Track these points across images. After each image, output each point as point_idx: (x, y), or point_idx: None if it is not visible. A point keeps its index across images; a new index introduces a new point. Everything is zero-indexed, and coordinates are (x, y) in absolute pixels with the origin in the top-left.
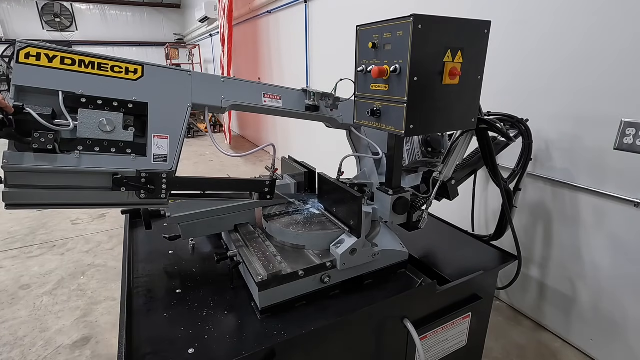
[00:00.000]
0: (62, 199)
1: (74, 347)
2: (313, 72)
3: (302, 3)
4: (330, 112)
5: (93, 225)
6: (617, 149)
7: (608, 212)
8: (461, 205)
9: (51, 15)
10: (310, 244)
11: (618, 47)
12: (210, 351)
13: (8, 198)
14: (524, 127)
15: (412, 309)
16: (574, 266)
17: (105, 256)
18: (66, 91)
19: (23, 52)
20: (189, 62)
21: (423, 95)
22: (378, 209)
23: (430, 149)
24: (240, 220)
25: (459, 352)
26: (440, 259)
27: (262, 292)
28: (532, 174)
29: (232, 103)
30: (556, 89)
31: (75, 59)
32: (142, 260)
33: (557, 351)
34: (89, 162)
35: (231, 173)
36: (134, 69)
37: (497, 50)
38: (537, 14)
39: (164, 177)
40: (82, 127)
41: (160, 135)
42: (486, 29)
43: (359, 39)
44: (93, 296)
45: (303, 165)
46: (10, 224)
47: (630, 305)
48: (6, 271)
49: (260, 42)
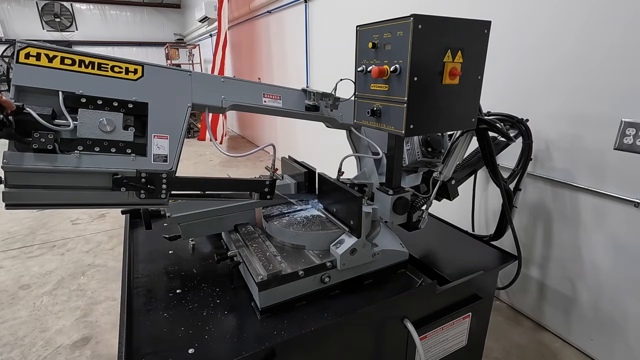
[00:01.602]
0: (62, 199)
1: (74, 347)
2: (313, 72)
3: (302, 3)
4: (330, 112)
5: (93, 225)
6: (617, 149)
7: (608, 212)
8: (461, 205)
9: (51, 15)
10: (310, 244)
11: (619, 47)
12: (210, 351)
13: (8, 198)
14: (524, 127)
15: (412, 309)
16: (574, 266)
17: (105, 256)
18: (66, 91)
19: (23, 52)
20: (189, 62)
21: (423, 95)
22: (378, 209)
23: (430, 149)
24: (240, 220)
25: (459, 352)
26: (440, 259)
27: (262, 292)
28: (532, 174)
29: (232, 103)
30: (556, 89)
31: (75, 59)
32: (142, 260)
33: (557, 351)
34: (89, 162)
35: (231, 173)
36: (134, 69)
37: (497, 50)
38: (535, 13)
39: (164, 177)
40: (82, 127)
41: (160, 135)
42: (486, 29)
43: (359, 38)
44: (93, 296)
45: (303, 165)
46: (10, 224)
47: (630, 305)
48: (6, 271)
49: (260, 42)
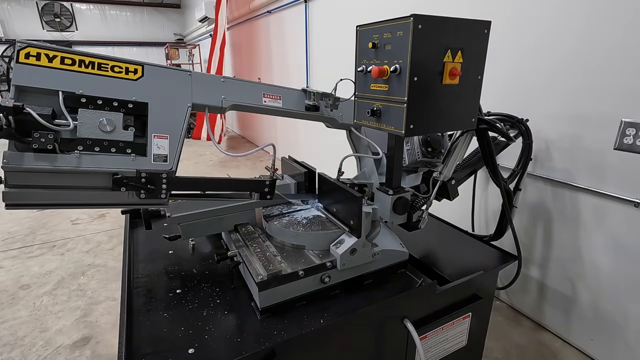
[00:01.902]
0: (62, 199)
1: (74, 347)
2: (313, 72)
3: (302, 3)
4: (330, 112)
5: (93, 225)
6: (617, 149)
7: (608, 212)
8: (461, 205)
9: (51, 15)
10: (310, 244)
11: (619, 47)
12: (210, 351)
13: (8, 198)
14: (524, 127)
15: (412, 309)
16: (574, 266)
17: (105, 256)
18: (66, 91)
19: (23, 52)
20: (189, 62)
21: (423, 95)
22: (378, 209)
23: (430, 149)
24: (240, 220)
25: (459, 352)
26: (440, 259)
27: (262, 292)
28: (532, 174)
29: (232, 103)
30: (556, 89)
31: (75, 59)
32: (142, 260)
33: (557, 351)
34: (89, 162)
35: (231, 173)
36: (134, 69)
37: (497, 50)
38: (536, 13)
39: (163, 177)
40: (82, 127)
41: (160, 135)
42: (486, 29)
43: (359, 38)
44: (93, 296)
45: (303, 165)
46: (10, 224)
47: (630, 305)
48: (6, 271)
49: (260, 42)
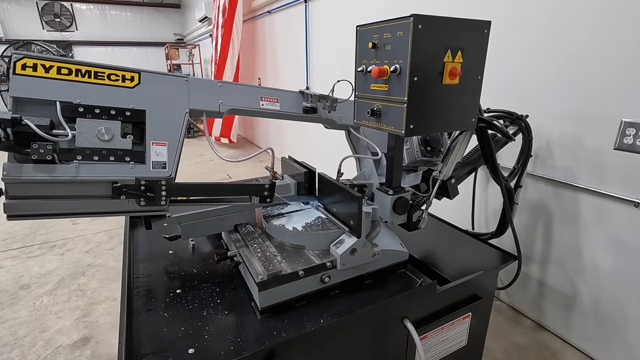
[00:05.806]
0: (62, 208)
1: (74, 347)
2: (313, 72)
3: (302, 3)
4: (328, 113)
5: (93, 225)
6: (617, 149)
7: (608, 212)
8: (461, 204)
9: (51, 15)
10: (310, 244)
11: (619, 46)
12: (210, 351)
13: (9, 209)
14: (523, 124)
15: (412, 309)
16: (574, 266)
17: (105, 256)
18: (63, 101)
19: (20, 63)
20: (189, 62)
21: (423, 95)
22: (378, 209)
23: (429, 148)
24: (240, 220)
25: (459, 352)
26: (440, 259)
27: (262, 292)
28: (532, 173)
29: (230, 107)
30: (556, 88)
31: (72, 69)
32: (142, 260)
33: (557, 351)
34: (88, 172)
35: (231, 173)
36: (130, 77)
37: (497, 50)
38: (536, 13)
39: (163, 184)
40: (80, 137)
41: (159, 142)
42: (486, 28)
43: (359, 39)
44: (93, 296)
45: (303, 165)
46: (10, 224)
47: (630, 305)
48: (6, 271)
49: (260, 42)
